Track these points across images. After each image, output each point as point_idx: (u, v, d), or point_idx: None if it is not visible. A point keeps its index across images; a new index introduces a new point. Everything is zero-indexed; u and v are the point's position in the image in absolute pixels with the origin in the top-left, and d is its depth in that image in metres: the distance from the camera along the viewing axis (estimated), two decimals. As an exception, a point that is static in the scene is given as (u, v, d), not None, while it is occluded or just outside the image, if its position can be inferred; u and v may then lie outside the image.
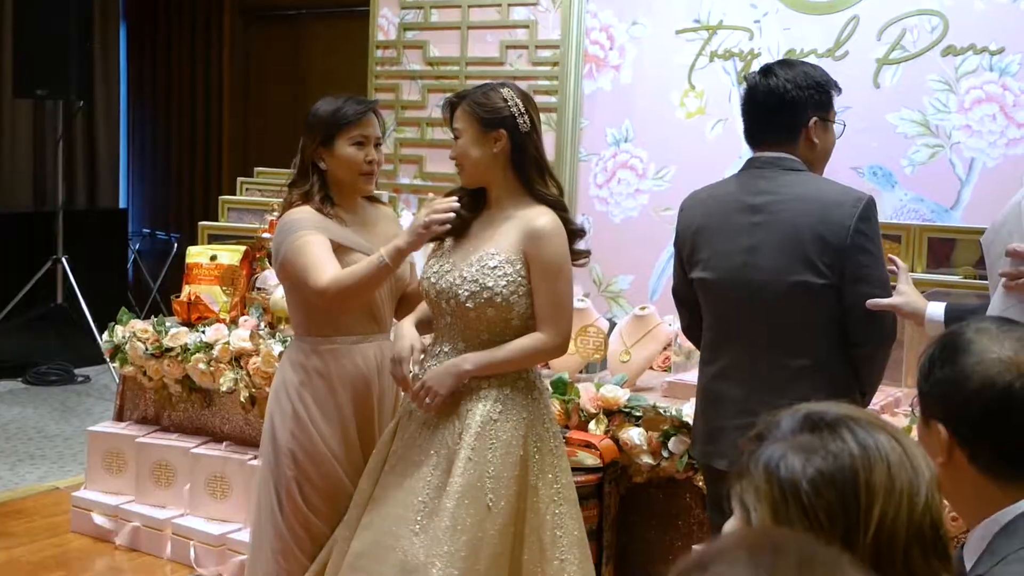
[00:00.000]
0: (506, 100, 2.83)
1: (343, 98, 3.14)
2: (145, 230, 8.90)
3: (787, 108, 2.72)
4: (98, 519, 4.51)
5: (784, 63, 2.82)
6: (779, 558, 0.95)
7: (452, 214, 2.77)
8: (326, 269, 2.94)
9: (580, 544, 2.84)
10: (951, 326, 1.92)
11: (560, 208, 2.87)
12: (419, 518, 2.75)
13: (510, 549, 2.75)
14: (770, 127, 2.75)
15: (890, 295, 2.63)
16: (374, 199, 3.30)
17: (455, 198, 2.84)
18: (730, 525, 1.24)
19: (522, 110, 2.82)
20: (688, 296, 2.88)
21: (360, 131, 3.10)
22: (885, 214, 4.42)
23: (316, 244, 2.99)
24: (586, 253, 2.94)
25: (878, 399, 3.47)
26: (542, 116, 3.02)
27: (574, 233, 2.88)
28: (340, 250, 3.04)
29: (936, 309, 2.55)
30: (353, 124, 3.09)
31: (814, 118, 2.73)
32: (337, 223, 3.10)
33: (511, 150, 2.83)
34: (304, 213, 3.07)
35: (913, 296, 2.60)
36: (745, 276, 2.69)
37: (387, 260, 2.86)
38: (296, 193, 3.12)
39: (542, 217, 2.82)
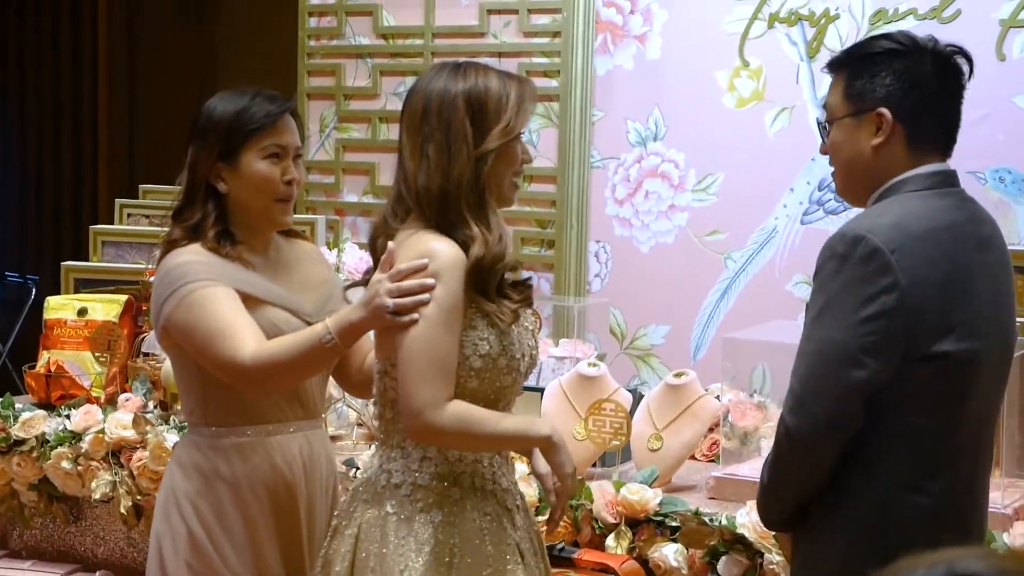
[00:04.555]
0: None
1: (249, 93, 3.10)
2: (-10, 271, 8.89)
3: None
4: None
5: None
6: None
7: (427, 295, 2.60)
8: (245, 337, 2.88)
9: None
10: None
11: None
12: None
13: None
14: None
15: None
16: (292, 233, 3.27)
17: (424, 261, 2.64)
18: None
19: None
20: (892, 387, 2.51)
21: (274, 139, 3.07)
22: (1018, 234, 4.40)
23: (222, 300, 2.94)
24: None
25: (1010, 499, 3.44)
26: (539, 106, 2.95)
27: None
28: (248, 302, 3.00)
29: None
30: (264, 130, 3.05)
31: None
32: (241, 267, 3.06)
33: None
34: (193, 255, 3.03)
35: None
36: (1010, 341, 2.72)
37: (335, 338, 2.76)
38: (181, 228, 3.08)
39: None
